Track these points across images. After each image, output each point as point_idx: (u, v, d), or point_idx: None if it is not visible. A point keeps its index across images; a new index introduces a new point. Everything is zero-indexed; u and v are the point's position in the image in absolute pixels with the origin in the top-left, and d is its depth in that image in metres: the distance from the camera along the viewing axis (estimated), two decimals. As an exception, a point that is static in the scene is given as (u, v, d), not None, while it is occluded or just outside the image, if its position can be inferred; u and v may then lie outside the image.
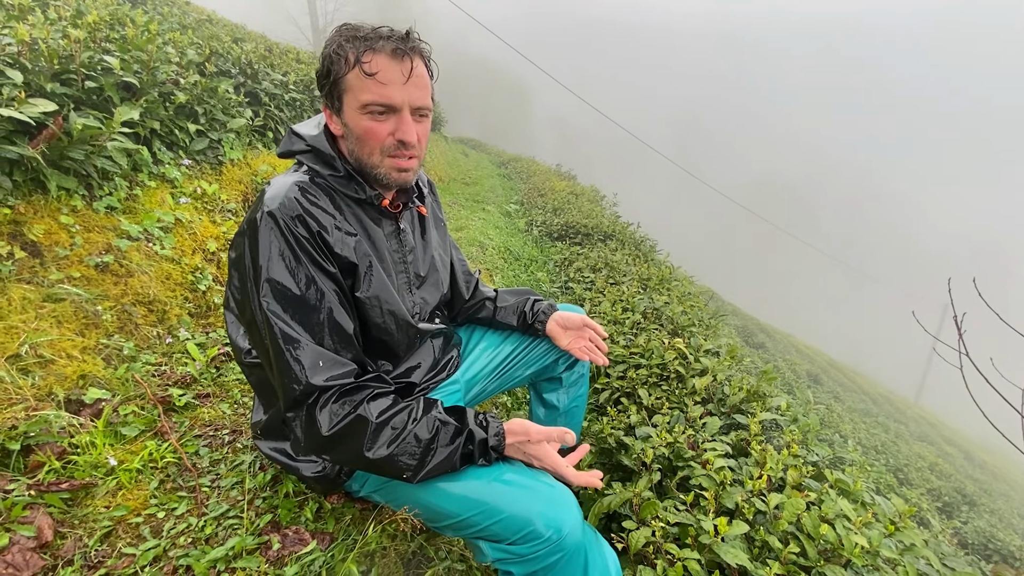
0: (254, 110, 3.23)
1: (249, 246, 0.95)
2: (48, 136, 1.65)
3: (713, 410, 2.05)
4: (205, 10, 7.58)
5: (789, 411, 2.08)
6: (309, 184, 1.00)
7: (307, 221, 0.95)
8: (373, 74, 0.94)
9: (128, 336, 1.65)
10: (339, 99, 0.99)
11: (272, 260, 0.93)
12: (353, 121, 0.99)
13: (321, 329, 0.95)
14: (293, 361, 0.91)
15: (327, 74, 0.99)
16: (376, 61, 0.94)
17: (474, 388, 1.49)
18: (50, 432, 1.22)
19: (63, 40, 1.95)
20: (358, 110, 0.97)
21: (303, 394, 0.91)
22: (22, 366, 1.33)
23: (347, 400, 0.93)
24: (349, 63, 0.95)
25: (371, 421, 0.91)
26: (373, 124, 0.98)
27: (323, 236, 0.97)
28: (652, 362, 2.26)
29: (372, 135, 0.98)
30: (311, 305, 0.95)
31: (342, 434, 0.90)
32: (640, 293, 3.31)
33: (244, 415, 1.52)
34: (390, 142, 1.00)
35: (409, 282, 1.19)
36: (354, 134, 1.00)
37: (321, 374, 0.92)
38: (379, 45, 0.95)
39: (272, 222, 0.94)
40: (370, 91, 0.95)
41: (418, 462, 0.92)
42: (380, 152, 1.00)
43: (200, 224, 2.23)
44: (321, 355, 0.94)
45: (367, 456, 0.90)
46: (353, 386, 0.95)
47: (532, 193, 7.97)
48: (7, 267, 1.45)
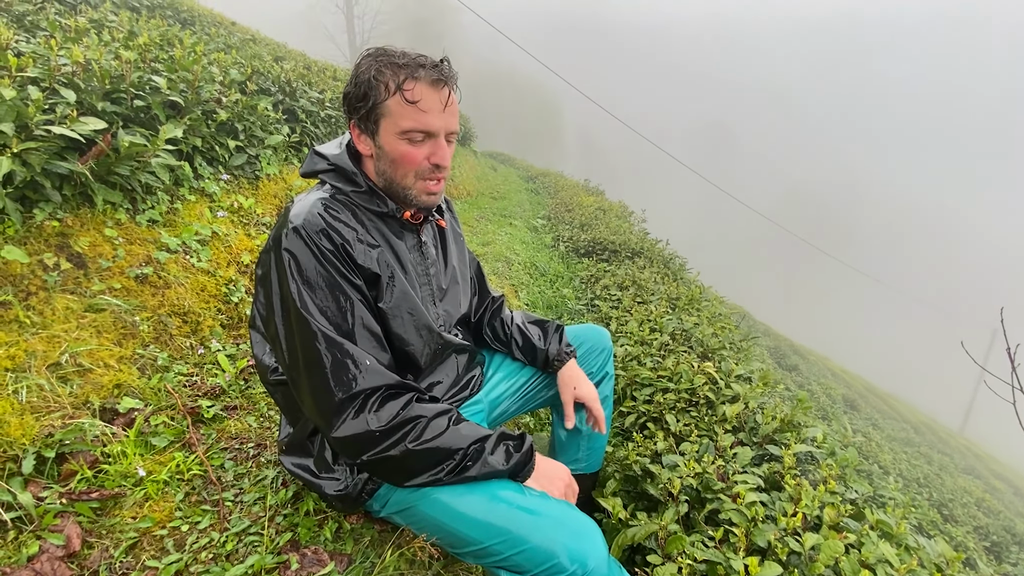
0: (291, 126, 3.33)
1: (275, 261, 0.98)
2: (97, 153, 1.72)
3: (744, 439, 1.97)
4: (250, 30, 7.93)
5: (826, 443, 1.99)
6: (331, 200, 1.04)
7: (331, 235, 0.99)
8: (415, 102, 0.98)
9: (163, 346, 1.70)
10: (375, 123, 1.02)
11: (300, 272, 0.96)
12: (390, 145, 1.02)
13: (355, 334, 0.99)
14: (335, 365, 0.95)
15: (363, 97, 1.01)
16: (417, 89, 0.98)
17: (497, 408, 1.47)
18: (84, 441, 1.26)
19: (115, 61, 2.05)
20: (397, 135, 1.01)
21: (350, 396, 0.94)
22: (62, 374, 1.37)
23: (395, 401, 0.97)
24: (390, 90, 0.98)
25: (425, 417, 0.96)
26: (411, 149, 1.01)
27: (347, 248, 1.00)
28: (680, 386, 2.20)
29: (409, 159, 1.02)
30: (342, 312, 0.98)
31: (393, 430, 0.94)
32: (669, 313, 3.24)
33: (269, 428, 1.54)
34: (425, 166, 1.03)
35: (432, 294, 1.21)
36: (389, 157, 1.03)
37: (367, 376, 0.96)
38: (420, 74, 0.98)
39: (297, 236, 0.97)
40: (411, 118, 0.99)
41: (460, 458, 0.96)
42: (415, 175, 1.05)
43: (235, 237, 2.29)
44: (363, 357, 0.97)
45: (412, 448, 0.94)
46: (396, 389, 0.99)
47: (559, 208, 7.96)
48: (53, 277, 1.51)
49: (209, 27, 5.91)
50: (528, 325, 1.48)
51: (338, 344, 0.96)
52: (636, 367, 2.39)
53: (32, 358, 1.34)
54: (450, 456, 0.97)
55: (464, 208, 7.00)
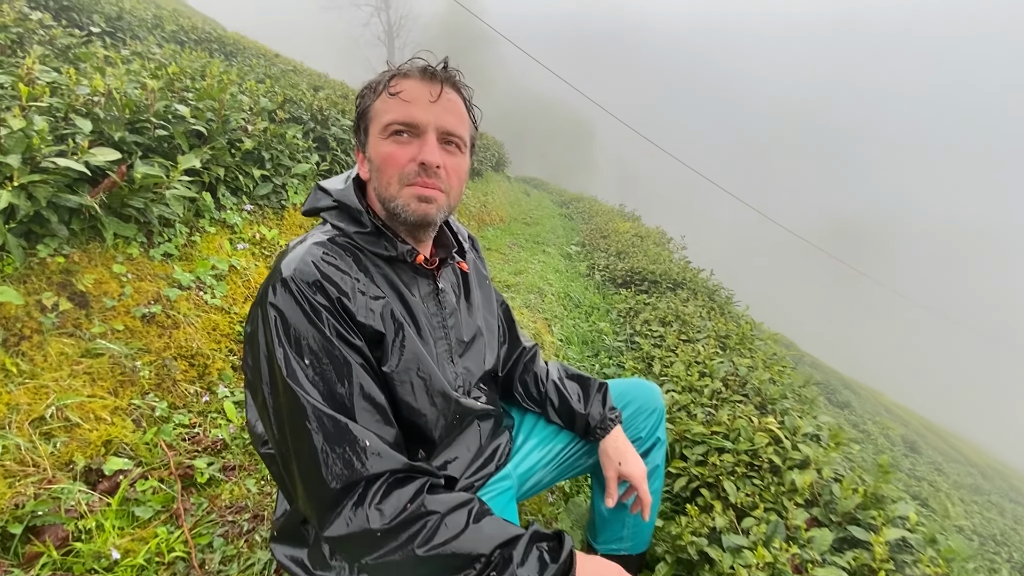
0: (321, 155, 3.26)
1: (262, 319, 0.82)
2: (109, 185, 1.63)
3: (820, 516, 1.67)
4: (292, 61, 8.18)
5: (921, 527, 1.66)
6: (330, 244, 0.88)
7: (325, 287, 0.82)
8: (397, 93, 0.86)
9: (164, 393, 1.56)
10: (365, 131, 0.92)
11: (288, 333, 0.79)
12: (375, 149, 0.89)
13: (353, 407, 0.80)
14: (329, 448, 0.77)
15: (357, 108, 0.93)
16: (403, 82, 0.88)
17: (529, 480, 1.25)
18: (59, 512, 1.10)
19: (139, 91, 1.99)
20: (380, 134, 0.88)
21: (347, 486, 0.76)
22: (46, 430, 1.24)
23: (401, 491, 0.78)
24: (377, 91, 0.90)
25: (438, 513, 0.77)
26: (394, 148, 0.87)
27: (343, 303, 0.83)
28: (739, 447, 1.92)
29: (391, 161, 0.87)
30: (339, 381, 0.80)
31: (398, 530, 0.75)
32: (719, 354, 2.94)
33: (270, 495, 1.36)
34: (411, 168, 0.87)
35: (450, 350, 1.02)
36: (376, 164, 0.89)
37: (367, 460, 0.77)
38: (406, 68, 0.88)
39: (286, 291, 0.80)
40: (393, 111, 0.87)
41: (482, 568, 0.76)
42: (398, 180, 0.88)
43: (255, 271, 2.17)
44: (362, 436, 0.79)
45: (421, 555, 0.75)
46: (404, 475, 0.81)
47: (594, 234, 7.74)
48: (50, 319, 1.40)
49: (251, 58, 6.08)
50: (566, 381, 1.27)
51: (332, 421, 0.78)
52: (685, 420, 2.12)
53: (14, 412, 1.20)
54: (469, 564, 0.76)
55: (497, 234, 6.88)
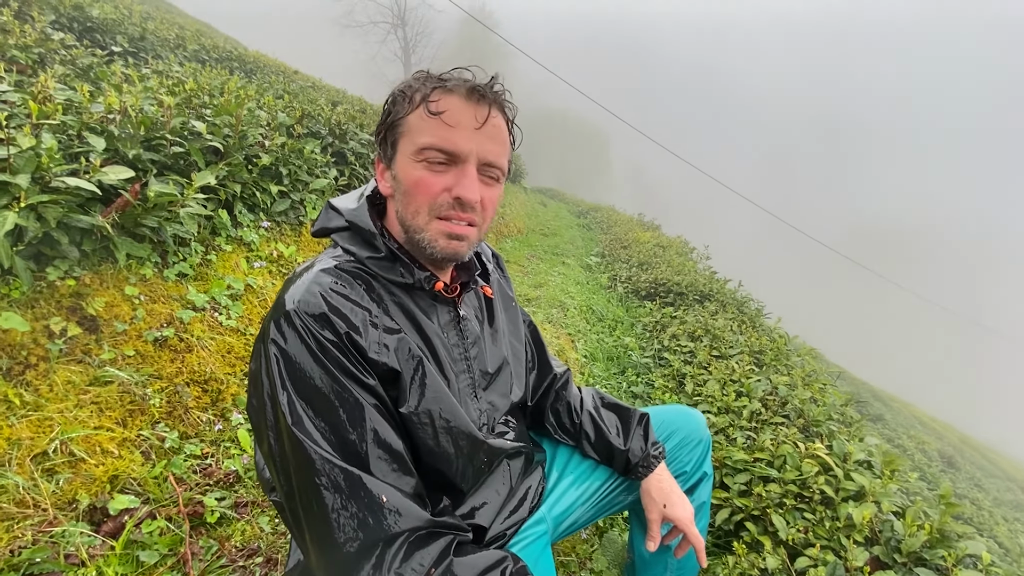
0: (339, 169, 3.21)
1: (265, 356, 0.72)
2: (121, 204, 1.58)
3: (883, 556, 1.51)
4: (311, 77, 8.28)
5: (995, 568, 1.49)
6: (339, 272, 0.78)
7: (333, 321, 0.72)
8: (439, 113, 0.74)
9: (176, 422, 1.48)
10: (393, 146, 0.80)
11: (292, 375, 0.70)
12: (404, 171, 0.78)
13: (367, 456, 0.70)
14: (342, 505, 0.67)
15: (385, 116, 0.80)
16: (446, 101, 0.75)
17: (564, 523, 1.14)
18: (57, 559, 1.02)
19: (155, 107, 1.95)
20: (412, 155, 0.76)
21: (362, 549, 0.66)
22: (49, 466, 1.16)
23: (424, 551, 0.69)
24: (413, 101, 0.77)
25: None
26: (426, 175, 0.76)
27: (353, 338, 0.73)
28: (786, 476, 1.77)
29: (422, 188, 0.76)
30: (349, 426, 0.70)
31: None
32: (755, 371, 2.79)
33: (283, 536, 1.26)
34: (444, 199, 0.77)
35: (473, 384, 0.91)
36: (403, 187, 0.78)
37: (385, 519, 0.67)
38: (452, 84, 0.75)
39: (290, 326, 0.71)
40: (431, 132, 0.75)
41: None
42: (428, 211, 0.77)
43: (272, 289, 2.11)
44: (378, 491, 0.68)
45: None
46: (427, 532, 0.71)
47: (614, 245, 7.60)
48: (58, 346, 1.33)
49: (271, 75, 6.14)
50: (603, 411, 1.16)
51: (344, 474, 0.68)
52: (725, 445, 1.98)
53: (15, 448, 1.13)
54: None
55: (515, 246, 6.78)
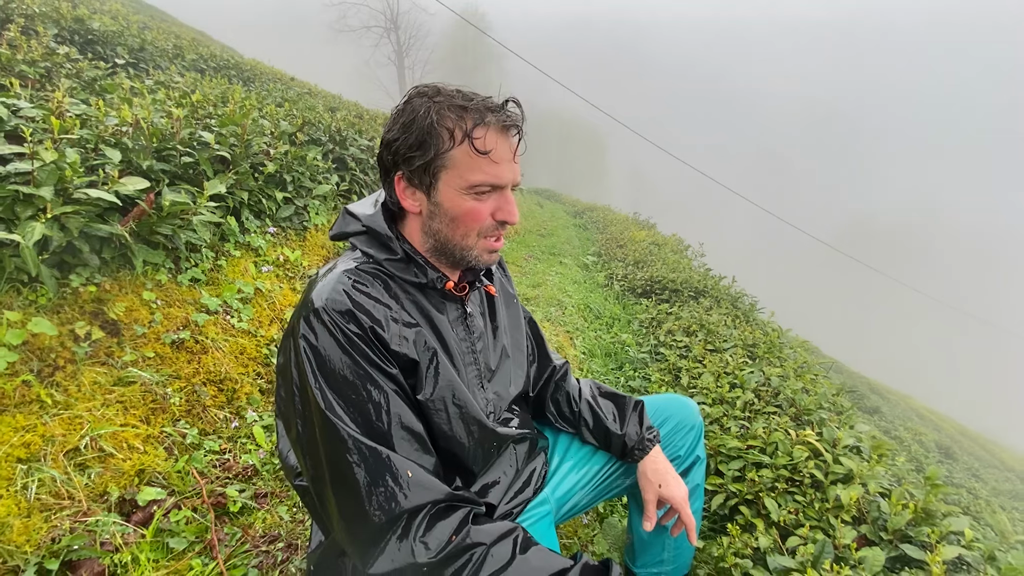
0: (340, 175, 3.29)
1: (294, 352, 0.80)
2: (138, 213, 1.65)
3: (870, 535, 1.59)
4: (307, 84, 8.35)
5: (977, 543, 1.57)
6: (359, 273, 0.86)
7: (358, 316, 0.80)
8: (486, 152, 0.82)
9: (195, 420, 1.55)
10: (434, 175, 0.85)
11: (323, 365, 0.78)
12: (452, 201, 0.85)
13: (391, 437, 0.78)
14: (370, 480, 0.75)
15: (420, 146, 0.84)
16: (489, 138, 0.83)
17: (566, 504, 1.22)
18: (94, 546, 1.09)
19: (165, 119, 2.03)
20: (462, 190, 0.84)
21: (390, 519, 0.73)
22: (80, 461, 1.23)
23: (445, 522, 0.76)
24: (456, 138, 0.82)
25: (483, 544, 0.75)
26: (477, 205, 0.86)
27: (377, 332, 0.81)
28: (778, 461, 1.85)
29: (474, 216, 0.86)
30: (376, 411, 0.78)
31: (445, 563, 0.73)
32: (748, 363, 2.87)
33: (303, 522, 1.34)
34: (489, 223, 0.88)
35: (480, 375, 1.00)
36: (449, 215, 0.86)
37: (410, 492, 0.75)
38: (489, 119, 0.83)
39: (319, 322, 0.79)
40: (482, 171, 0.84)
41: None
42: (478, 234, 0.88)
43: (279, 293, 2.18)
44: (403, 467, 0.77)
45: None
46: (447, 504, 0.78)
47: (610, 244, 7.69)
48: (83, 349, 1.41)
49: (268, 83, 6.21)
50: (600, 400, 1.23)
51: (373, 452, 0.75)
52: (719, 434, 2.06)
53: (49, 444, 1.20)
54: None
55: (512, 247, 6.87)
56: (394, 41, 33.56)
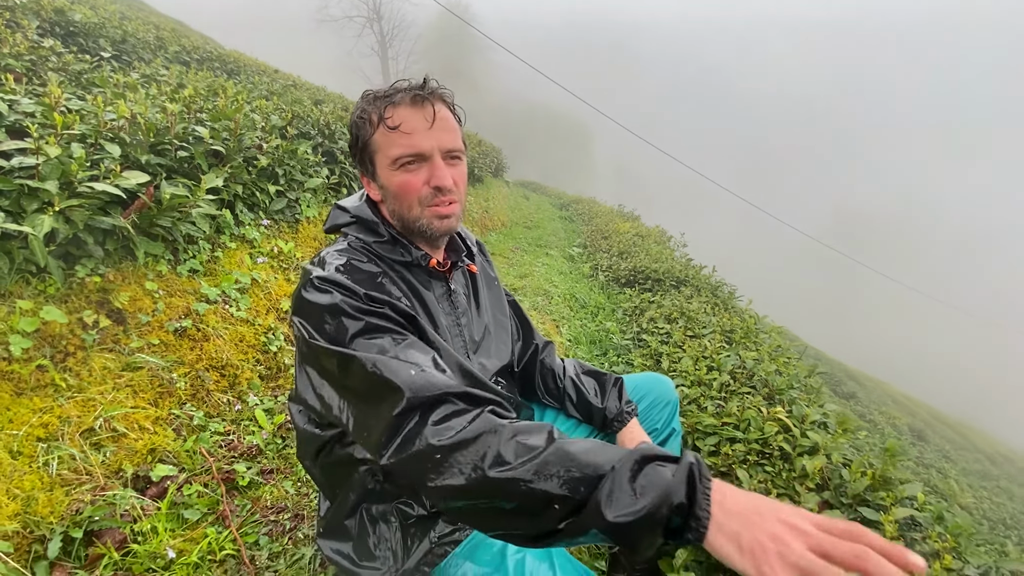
0: (330, 168, 3.34)
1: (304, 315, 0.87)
2: (139, 206, 1.71)
3: (831, 500, 1.73)
4: (291, 76, 8.29)
5: (929, 506, 1.72)
6: (353, 251, 0.97)
7: (355, 279, 0.90)
8: (396, 127, 0.91)
9: (200, 403, 1.63)
10: (371, 162, 0.97)
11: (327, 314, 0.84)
12: (387, 179, 0.95)
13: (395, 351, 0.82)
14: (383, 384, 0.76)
15: (356, 141, 0.97)
16: (398, 113, 0.92)
17: (552, 472, 1.32)
18: (114, 516, 1.17)
19: (160, 114, 2.07)
20: (390, 167, 0.94)
21: (406, 409, 0.73)
22: (95, 440, 1.31)
23: (462, 408, 0.74)
24: (373, 123, 0.94)
25: (505, 426, 0.69)
26: (407, 176, 0.94)
27: (374, 294, 0.89)
28: (750, 436, 1.98)
29: (408, 188, 0.94)
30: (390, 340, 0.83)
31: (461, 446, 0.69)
32: (725, 348, 3.01)
33: (307, 495, 1.43)
34: (426, 191, 0.95)
35: (465, 346, 1.09)
36: (391, 192, 0.96)
37: (423, 385, 0.75)
38: (398, 98, 0.93)
39: (320, 288, 0.87)
40: (397, 144, 0.92)
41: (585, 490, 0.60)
42: (419, 204, 0.96)
43: (275, 283, 2.25)
44: (410, 367, 0.79)
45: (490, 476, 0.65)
46: (464, 394, 0.77)
47: (595, 235, 7.81)
48: (92, 336, 1.47)
49: (253, 75, 6.18)
50: (583, 377, 1.34)
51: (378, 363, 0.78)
52: (696, 413, 2.18)
53: (66, 425, 1.28)
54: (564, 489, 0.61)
55: (499, 239, 6.95)
56: (377, 31, 33.16)
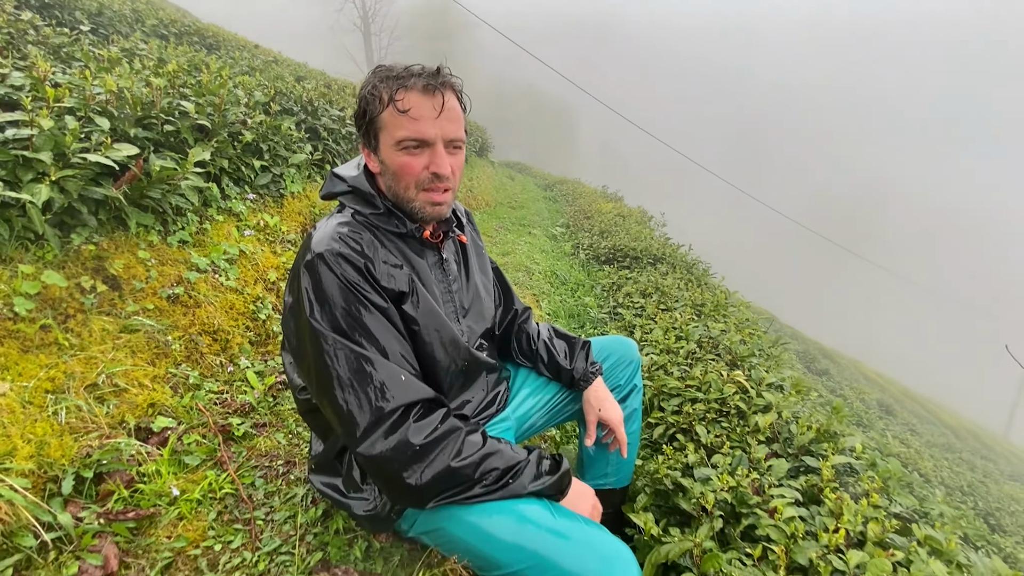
0: (313, 145, 3.39)
1: (301, 289, 0.98)
2: (130, 178, 1.78)
3: (779, 451, 1.91)
4: (272, 51, 8.17)
5: (865, 454, 1.91)
6: (351, 224, 1.05)
7: (353, 258, 0.98)
8: (406, 111, 0.98)
9: (194, 365, 1.73)
10: (375, 137, 1.04)
11: (328, 298, 0.96)
12: (389, 157, 1.03)
13: (387, 350, 0.98)
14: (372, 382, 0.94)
15: (363, 114, 1.04)
16: (408, 98, 0.98)
17: (525, 424, 1.46)
18: (120, 460, 1.28)
19: (146, 88, 2.12)
20: (393, 146, 1.01)
21: (391, 409, 0.93)
22: (99, 394, 1.41)
23: (434, 415, 0.97)
24: (383, 102, 1.00)
25: (462, 428, 0.97)
26: (408, 159, 1.01)
27: (370, 270, 1.00)
28: (710, 396, 2.15)
29: (407, 170, 1.02)
30: (373, 333, 0.97)
31: (433, 444, 0.93)
32: (694, 320, 3.18)
33: (298, 445, 1.55)
34: (425, 175, 1.02)
35: (456, 311, 1.20)
36: (390, 170, 1.04)
37: (406, 390, 0.95)
38: (411, 83, 0.99)
39: (322, 262, 0.97)
40: (404, 127, 0.99)
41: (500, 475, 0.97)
42: (415, 186, 1.04)
43: (262, 255, 2.33)
44: (398, 372, 0.96)
45: (452, 465, 0.93)
46: (433, 401, 0.99)
47: (578, 216, 7.94)
48: (90, 300, 1.56)
49: (233, 51, 6.10)
50: (555, 340, 1.46)
51: (372, 362, 0.94)
52: (663, 377, 2.34)
53: (71, 379, 1.37)
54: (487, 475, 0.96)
55: (483, 218, 7.03)
56: (359, 5, 32.34)
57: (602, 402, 1.38)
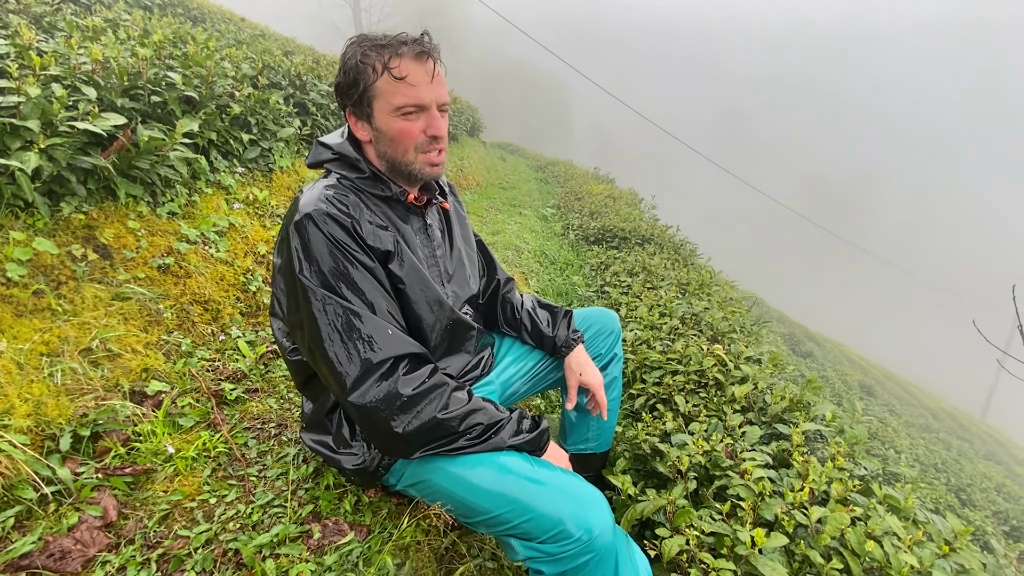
0: (302, 119, 3.38)
1: (291, 248, 1.02)
2: (118, 147, 1.78)
3: (753, 419, 1.99)
4: (259, 25, 8.00)
5: (835, 422, 2.00)
6: (338, 187, 1.08)
7: (340, 219, 1.02)
8: (403, 78, 1.01)
9: (186, 333, 1.76)
10: (369, 106, 1.06)
11: (316, 256, 1.00)
12: (386, 124, 1.06)
13: (374, 305, 1.03)
14: (361, 335, 0.98)
15: (354, 84, 1.05)
16: (403, 65, 1.01)
17: (508, 389, 1.51)
18: (116, 420, 1.33)
19: (132, 58, 2.11)
20: (391, 113, 1.04)
21: (379, 361, 0.98)
22: (93, 359, 1.44)
23: (421, 368, 1.02)
24: (377, 71, 1.02)
25: (449, 383, 1.02)
26: (407, 124, 1.05)
27: (357, 230, 1.04)
28: (690, 368, 2.22)
29: (407, 134, 1.06)
30: (361, 289, 1.02)
31: (420, 396, 0.98)
32: (679, 298, 3.25)
33: (290, 410, 1.60)
34: (423, 139, 1.07)
35: (440, 275, 1.24)
36: (387, 136, 1.07)
37: (394, 343, 1.00)
38: (403, 50, 1.02)
39: (310, 222, 1.01)
40: (402, 94, 1.02)
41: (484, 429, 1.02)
42: (414, 149, 1.08)
43: (251, 228, 2.35)
44: (386, 327, 1.01)
45: (439, 417, 0.98)
46: (421, 355, 1.04)
47: (569, 197, 7.95)
48: (81, 268, 1.58)
49: (219, 23, 5.98)
50: (538, 310, 1.51)
51: (360, 316, 0.99)
52: (646, 351, 2.41)
53: (65, 344, 1.40)
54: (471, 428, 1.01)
55: (474, 198, 7.03)
56: (349, -21, 31.52)
57: (583, 367, 1.43)
